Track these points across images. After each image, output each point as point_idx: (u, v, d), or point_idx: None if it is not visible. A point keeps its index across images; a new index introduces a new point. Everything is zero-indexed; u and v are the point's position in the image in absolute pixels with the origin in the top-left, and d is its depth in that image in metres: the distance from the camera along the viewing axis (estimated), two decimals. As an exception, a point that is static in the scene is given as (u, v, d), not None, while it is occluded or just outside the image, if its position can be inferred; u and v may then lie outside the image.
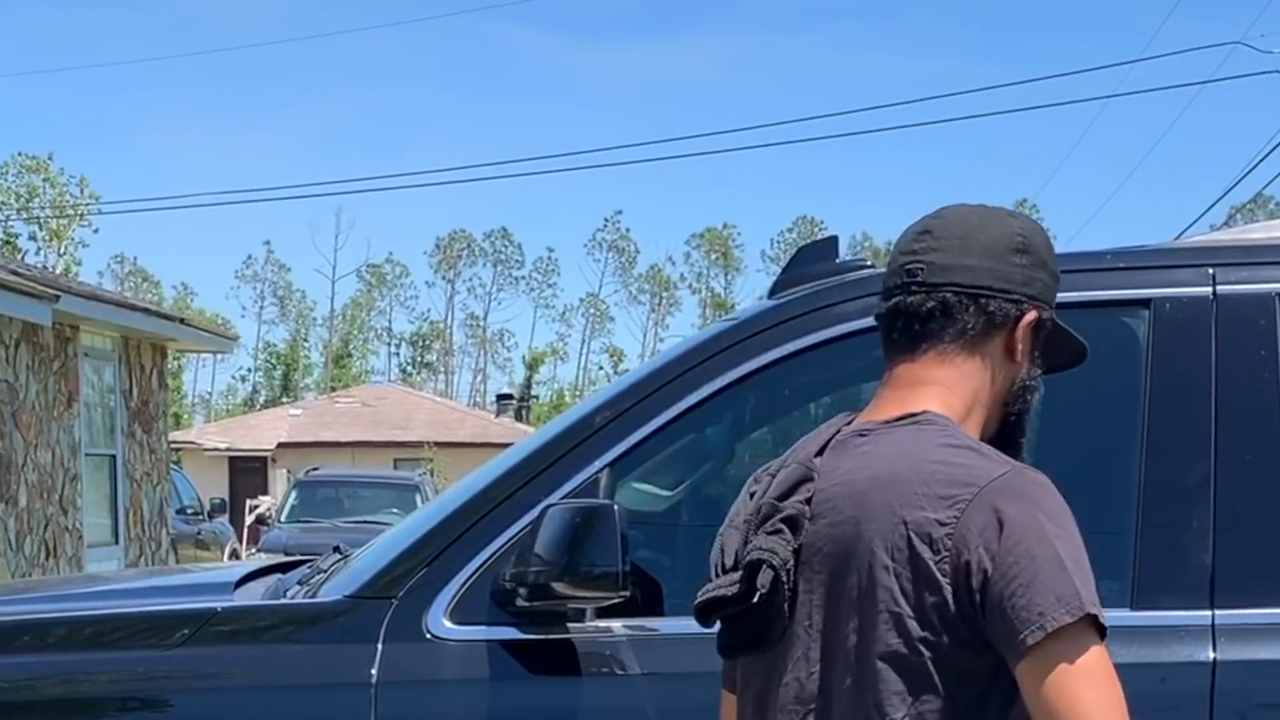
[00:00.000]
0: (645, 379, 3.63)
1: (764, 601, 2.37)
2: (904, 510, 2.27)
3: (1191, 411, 3.35)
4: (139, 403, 18.24)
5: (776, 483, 2.43)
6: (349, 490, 25.71)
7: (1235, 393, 3.34)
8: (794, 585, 2.37)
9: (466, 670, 3.37)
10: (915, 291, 2.47)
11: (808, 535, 2.37)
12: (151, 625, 3.71)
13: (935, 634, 2.26)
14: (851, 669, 2.31)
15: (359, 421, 49.54)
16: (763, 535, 2.38)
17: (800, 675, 2.37)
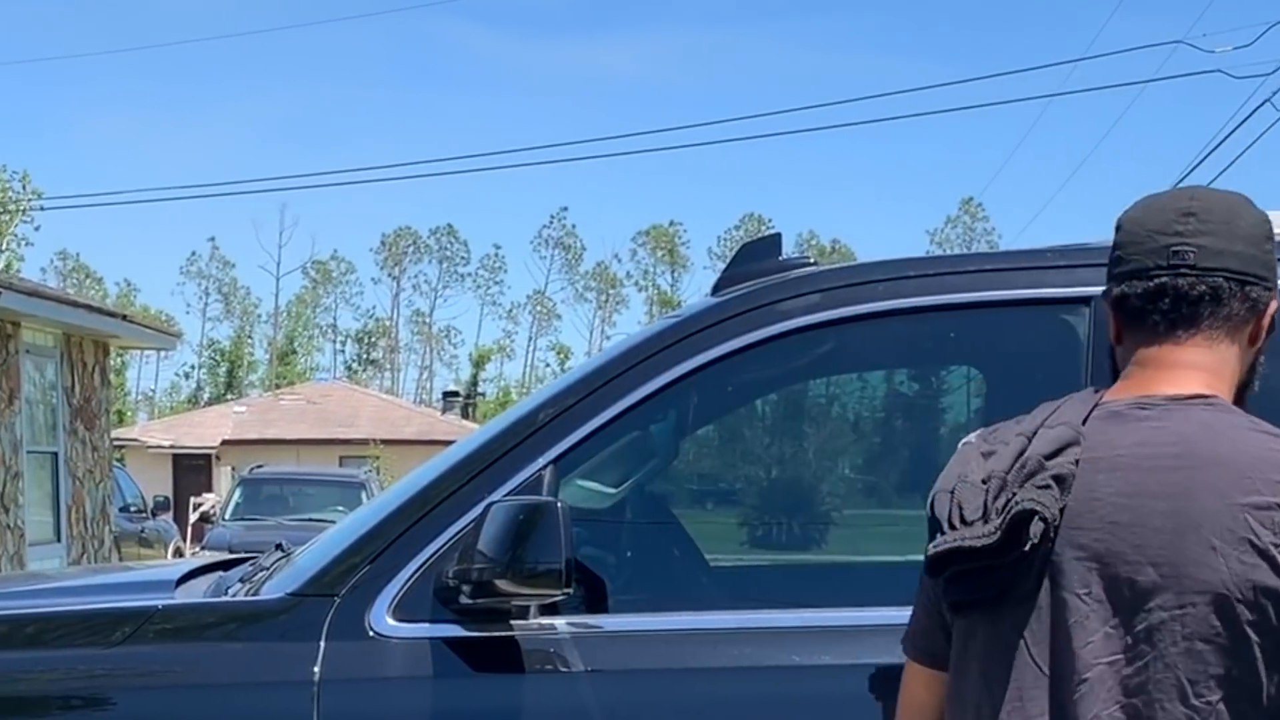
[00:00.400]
0: (588, 376, 3.63)
1: (1023, 555, 2.33)
2: (1236, 493, 2.27)
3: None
4: (81, 400, 18.14)
5: (1043, 441, 2.40)
6: (294, 488, 25.65)
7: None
8: (1051, 544, 2.35)
9: (409, 668, 3.35)
10: (1185, 274, 2.46)
11: (1076, 498, 2.35)
12: (92, 624, 3.69)
13: (1264, 618, 2.26)
14: (1155, 645, 2.29)
15: (304, 419, 49.40)
16: (1031, 488, 2.33)
17: (1079, 643, 2.33)
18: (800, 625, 3.42)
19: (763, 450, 4.43)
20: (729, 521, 4.49)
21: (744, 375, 3.77)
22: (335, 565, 3.49)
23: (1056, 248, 3.67)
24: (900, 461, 4.19)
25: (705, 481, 4.51)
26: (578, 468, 3.63)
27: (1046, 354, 3.62)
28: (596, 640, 3.38)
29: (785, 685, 3.30)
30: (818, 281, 3.62)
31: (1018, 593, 2.38)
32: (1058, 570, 2.36)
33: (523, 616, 3.34)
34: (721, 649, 3.35)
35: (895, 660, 3.27)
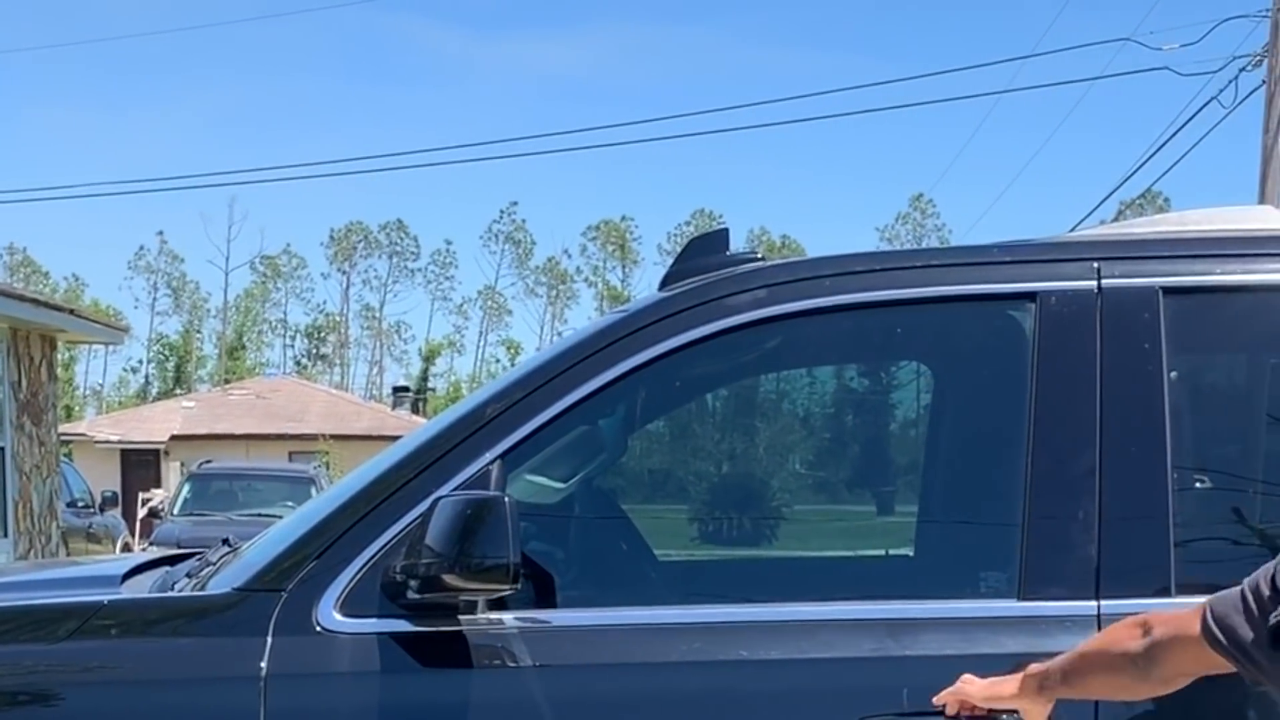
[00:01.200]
0: (536, 371, 3.63)
1: None
2: None
3: (1077, 404, 3.38)
4: (28, 394, 18.02)
5: None
6: (243, 483, 25.55)
7: (1120, 385, 3.38)
8: None
9: (357, 663, 3.35)
10: None
11: None
12: (37, 619, 3.67)
13: None
14: None
15: (253, 414, 49.19)
16: None
17: None
18: (749, 620, 3.42)
19: (711, 445, 4.44)
20: (677, 517, 4.49)
21: (691, 371, 3.78)
22: (282, 560, 3.48)
23: (1003, 244, 3.69)
24: (848, 457, 4.20)
25: (654, 477, 4.51)
26: (525, 462, 3.62)
27: (993, 349, 3.64)
28: (544, 635, 3.38)
29: (735, 680, 3.31)
30: (764, 277, 3.63)
31: None
32: None
33: (470, 611, 3.34)
34: (670, 643, 3.35)
35: (843, 654, 3.29)
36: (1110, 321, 3.42)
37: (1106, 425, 3.36)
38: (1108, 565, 3.29)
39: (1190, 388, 3.50)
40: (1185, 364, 3.45)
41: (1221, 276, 3.49)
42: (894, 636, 3.30)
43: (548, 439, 3.59)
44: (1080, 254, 3.54)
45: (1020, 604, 3.32)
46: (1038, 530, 3.35)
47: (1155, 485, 3.34)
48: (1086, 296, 3.45)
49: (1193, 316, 3.48)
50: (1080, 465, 3.35)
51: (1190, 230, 3.67)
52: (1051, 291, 3.47)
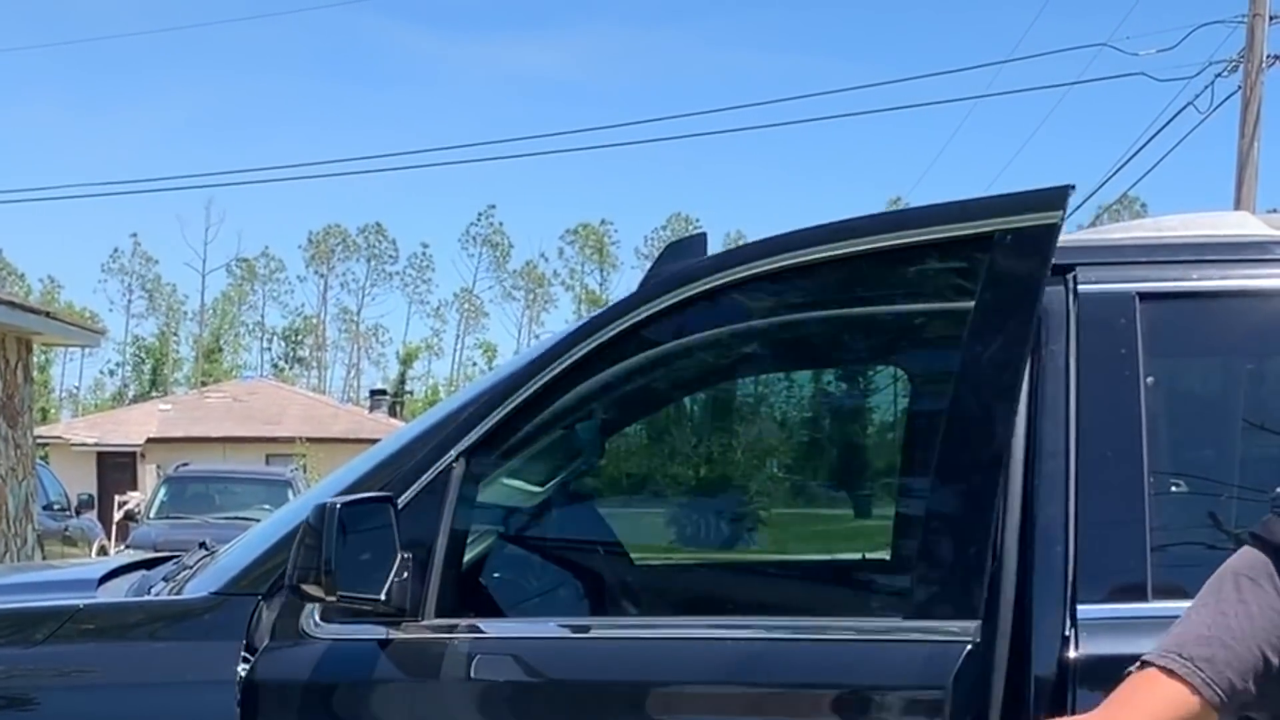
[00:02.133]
0: (510, 375, 3.62)
1: None
2: None
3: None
4: (3, 397, 17.96)
5: None
6: (220, 486, 25.49)
7: (1094, 390, 3.38)
8: None
9: (332, 667, 3.34)
10: None
11: None
12: (13, 623, 3.66)
13: None
14: None
15: (230, 416, 49.08)
16: None
17: None
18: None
19: (692, 450, 4.45)
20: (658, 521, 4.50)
21: (669, 375, 3.78)
22: (259, 565, 3.48)
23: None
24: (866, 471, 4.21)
25: (633, 481, 4.52)
26: (493, 459, 3.59)
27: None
28: (487, 643, 3.37)
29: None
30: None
31: None
32: None
33: (449, 616, 3.34)
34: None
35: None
36: (1086, 326, 3.42)
37: (1081, 430, 3.36)
38: (1085, 568, 3.29)
39: (1166, 393, 3.51)
40: (1161, 369, 3.45)
41: (1198, 282, 3.50)
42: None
43: (513, 438, 3.56)
44: (1056, 259, 3.54)
45: (996, 608, 3.32)
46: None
47: (1131, 490, 3.34)
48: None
49: (1169, 322, 3.48)
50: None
51: (1167, 236, 3.67)
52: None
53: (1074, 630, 3.23)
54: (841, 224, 3.42)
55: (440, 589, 3.35)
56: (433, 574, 3.34)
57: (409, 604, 3.32)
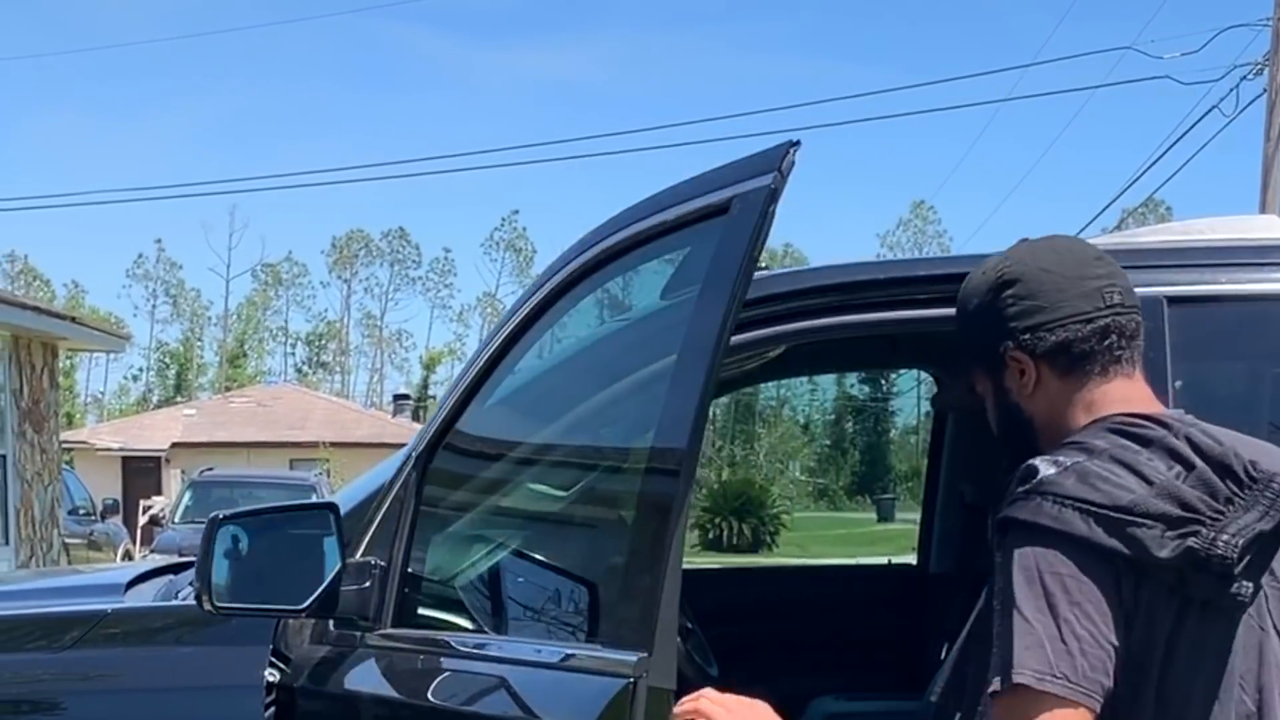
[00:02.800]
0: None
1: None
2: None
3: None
4: (30, 402, 18.03)
5: (1247, 447, 2.53)
6: (244, 490, 25.55)
7: (1124, 394, 3.37)
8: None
9: (359, 672, 3.35)
10: (1123, 312, 2.68)
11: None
12: (42, 627, 3.67)
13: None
14: None
15: (254, 421, 49.23)
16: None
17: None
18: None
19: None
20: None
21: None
22: (286, 570, 3.47)
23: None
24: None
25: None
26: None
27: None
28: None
29: None
30: (767, 286, 3.61)
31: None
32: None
33: (383, 625, 3.33)
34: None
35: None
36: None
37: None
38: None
39: (1195, 398, 3.49)
40: (1190, 374, 3.44)
41: (1227, 286, 3.48)
42: None
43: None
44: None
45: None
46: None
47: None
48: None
49: (1197, 326, 3.46)
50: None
51: (1195, 240, 3.66)
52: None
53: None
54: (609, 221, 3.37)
55: (399, 598, 3.33)
56: (390, 583, 3.32)
57: (371, 612, 3.30)
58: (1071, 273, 2.67)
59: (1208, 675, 2.44)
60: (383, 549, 3.32)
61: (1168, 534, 2.39)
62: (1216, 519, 2.40)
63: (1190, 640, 2.43)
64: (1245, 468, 2.46)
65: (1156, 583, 2.41)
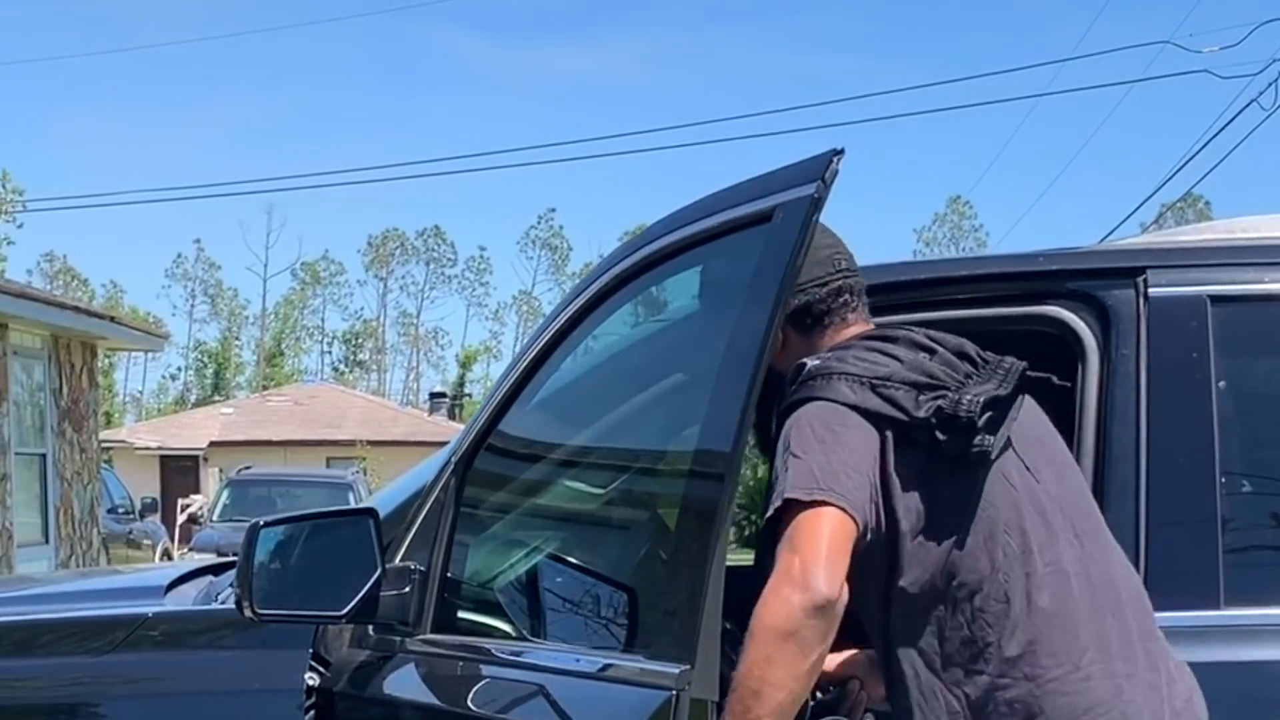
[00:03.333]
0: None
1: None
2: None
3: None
4: (69, 401, 18.10)
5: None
6: (281, 489, 25.64)
7: (1166, 394, 3.35)
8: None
9: (395, 676, 3.34)
10: (850, 275, 3.11)
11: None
12: (83, 631, 3.68)
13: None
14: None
15: (291, 420, 49.34)
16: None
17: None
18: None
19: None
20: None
21: None
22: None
23: (1048, 251, 3.67)
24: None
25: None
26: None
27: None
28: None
29: None
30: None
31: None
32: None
33: (422, 630, 3.32)
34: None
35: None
36: (1157, 330, 3.39)
37: (1153, 434, 3.33)
38: (1155, 574, 3.26)
39: (1238, 396, 3.47)
40: (1233, 372, 3.42)
41: (1270, 285, 3.46)
42: None
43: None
44: (1127, 262, 3.51)
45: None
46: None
47: (1203, 494, 3.31)
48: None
49: (1241, 325, 3.44)
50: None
51: (1238, 238, 3.64)
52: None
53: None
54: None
55: (438, 603, 3.33)
56: (430, 588, 3.33)
57: (410, 617, 3.30)
58: (814, 244, 2.97)
59: (969, 521, 2.82)
60: (422, 553, 3.31)
61: (921, 397, 2.80)
62: (961, 386, 2.83)
63: (952, 491, 2.81)
64: (978, 352, 2.97)
65: (914, 443, 2.79)
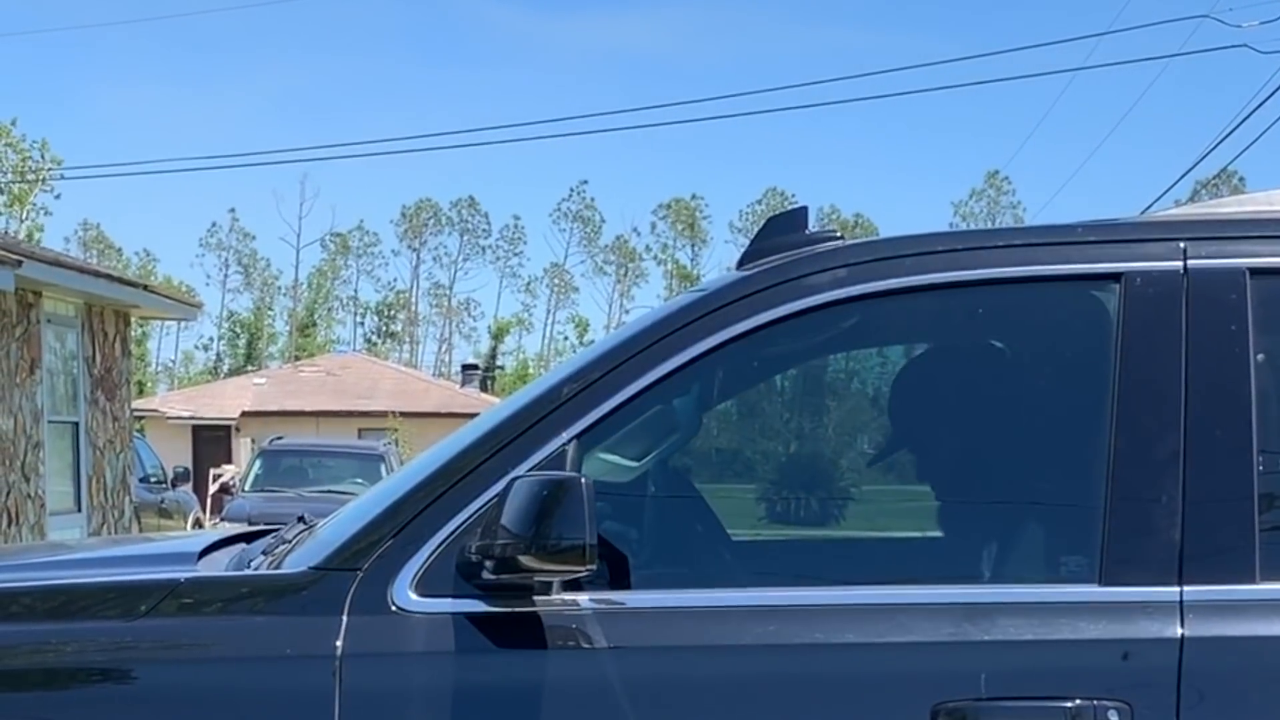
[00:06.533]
0: (613, 350, 3.60)
1: None
2: None
3: (1162, 386, 3.34)
4: (102, 370, 18.17)
5: None
6: (313, 459, 25.76)
7: (1205, 367, 3.34)
8: None
9: (432, 643, 3.34)
10: None
11: None
12: (115, 596, 3.68)
13: None
14: None
15: (323, 390, 49.52)
16: None
17: None
18: (823, 603, 3.40)
19: (786, 426, 4.41)
20: (751, 497, 4.47)
21: (770, 350, 3.75)
22: (359, 539, 3.48)
23: (1088, 223, 3.65)
24: (924, 438, 4.15)
25: (729, 456, 4.49)
26: (601, 443, 3.61)
27: (1076, 330, 3.60)
28: (618, 616, 3.37)
29: (809, 664, 3.29)
30: (844, 256, 3.59)
31: None
32: None
33: (545, 592, 3.33)
34: (744, 626, 3.33)
35: (919, 639, 3.27)
36: (1196, 303, 3.37)
37: (1191, 408, 3.32)
38: (1191, 550, 3.26)
39: (1277, 370, 3.45)
40: (1272, 346, 3.40)
41: (1310, 258, 3.45)
42: (972, 621, 3.27)
43: (624, 419, 3.57)
44: (1166, 234, 3.50)
45: (1101, 589, 3.28)
46: (1120, 514, 3.31)
47: (1240, 469, 3.30)
48: (1172, 277, 3.41)
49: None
50: (1164, 448, 3.32)
51: (1278, 210, 3.62)
52: (1137, 272, 3.43)
53: (1180, 611, 3.20)
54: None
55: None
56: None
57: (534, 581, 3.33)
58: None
59: None
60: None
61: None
62: None
63: None
64: None
65: None
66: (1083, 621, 3.25)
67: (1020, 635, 3.25)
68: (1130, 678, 3.19)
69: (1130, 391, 3.36)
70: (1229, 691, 3.19)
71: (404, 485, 3.62)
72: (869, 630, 3.29)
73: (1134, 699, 3.16)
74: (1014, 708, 3.18)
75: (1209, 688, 3.18)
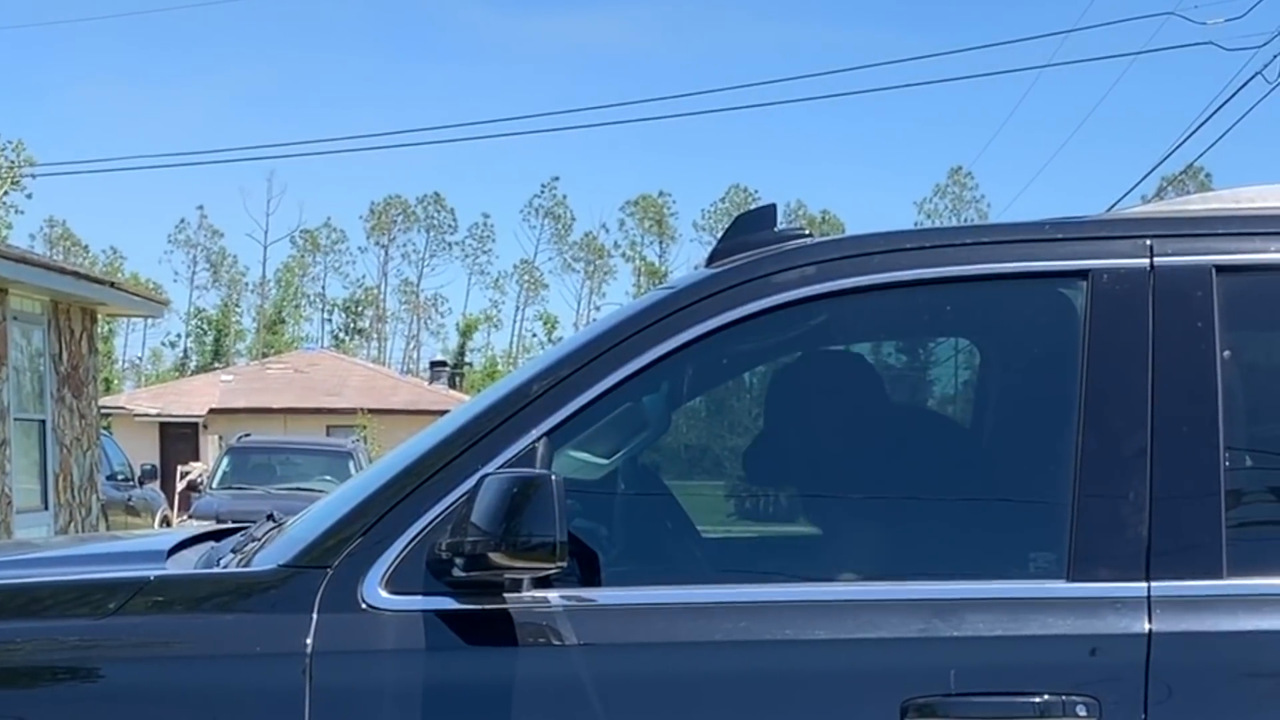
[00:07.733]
0: (582, 348, 3.61)
1: None
2: None
3: (1129, 382, 3.36)
4: (69, 367, 18.11)
5: None
6: (281, 457, 25.70)
7: (1172, 364, 3.35)
8: None
9: (402, 640, 3.34)
10: None
11: None
12: (83, 594, 3.67)
13: None
14: None
15: (291, 388, 49.40)
16: None
17: None
18: (792, 599, 3.41)
19: (755, 423, 4.41)
20: (721, 494, 4.47)
21: (739, 347, 3.76)
22: (328, 537, 3.47)
23: (1055, 220, 3.67)
24: (894, 435, 4.16)
25: (698, 453, 4.49)
26: (571, 440, 3.61)
27: (1043, 327, 3.62)
28: (589, 613, 3.37)
29: (779, 660, 3.29)
30: (812, 254, 3.60)
31: None
32: None
33: (516, 590, 3.33)
34: (715, 623, 3.33)
35: (889, 635, 3.27)
36: (1163, 300, 3.39)
37: (1158, 404, 3.34)
38: (1158, 546, 3.28)
39: (1243, 367, 3.47)
40: (1238, 343, 3.42)
41: (1276, 255, 3.47)
42: (941, 617, 3.28)
43: (594, 416, 3.57)
44: (1133, 231, 3.52)
45: (1069, 585, 3.30)
46: (1088, 510, 3.33)
47: (1207, 465, 3.32)
48: (1139, 275, 3.42)
49: (1246, 295, 3.45)
50: (1132, 444, 3.33)
51: (1244, 208, 3.64)
52: (1104, 269, 3.45)
53: (1148, 607, 3.22)
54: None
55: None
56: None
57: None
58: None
59: None
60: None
61: None
62: None
63: None
64: None
65: None
66: (1051, 617, 3.27)
67: (989, 631, 3.26)
68: (1098, 672, 3.20)
69: (1098, 388, 3.38)
70: (1196, 686, 3.21)
71: (373, 483, 3.61)
72: (839, 626, 3.30)
73: (1102, 694, 3.18)
74: (983, 703, 3.19)
75: (1177, 682, 3.20)
